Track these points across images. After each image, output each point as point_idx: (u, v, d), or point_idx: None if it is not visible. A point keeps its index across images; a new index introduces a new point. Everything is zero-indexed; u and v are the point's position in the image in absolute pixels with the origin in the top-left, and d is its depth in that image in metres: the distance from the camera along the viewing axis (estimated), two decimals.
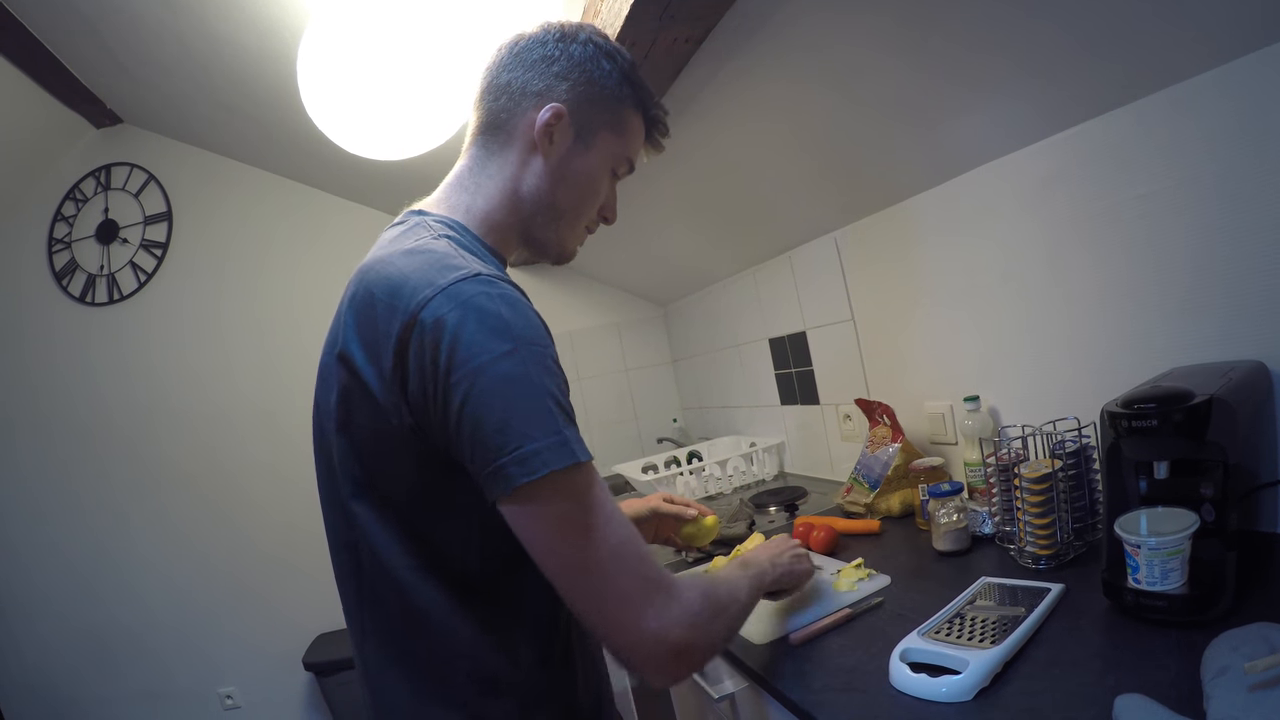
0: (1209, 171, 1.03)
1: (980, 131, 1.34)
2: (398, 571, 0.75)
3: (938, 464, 1.54)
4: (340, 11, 1.39)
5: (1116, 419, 0.92)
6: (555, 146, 0.86)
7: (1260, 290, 1.00)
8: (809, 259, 2.06)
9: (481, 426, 0.66)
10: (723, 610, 0.79)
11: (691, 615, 0.72)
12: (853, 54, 1.26)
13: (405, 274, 0.71)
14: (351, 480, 0.76)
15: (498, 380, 0.66)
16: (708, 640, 0.74)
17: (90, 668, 2.72)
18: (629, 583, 0.69)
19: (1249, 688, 0.63)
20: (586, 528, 0.68)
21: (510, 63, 0.87)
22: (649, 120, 0.93)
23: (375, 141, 1.57)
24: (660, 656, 0.69)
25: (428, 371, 0.67)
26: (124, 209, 2.79)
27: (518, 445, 0.65)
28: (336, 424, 0.76)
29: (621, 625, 0.69)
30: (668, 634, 0.69)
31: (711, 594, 0.77)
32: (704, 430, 3.12)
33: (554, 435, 0.67)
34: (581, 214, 0.92)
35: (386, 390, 0.70)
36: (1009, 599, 1.02)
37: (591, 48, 0.87)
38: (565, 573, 0.69)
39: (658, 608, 0.69)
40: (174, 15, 1.79)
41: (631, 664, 0.70)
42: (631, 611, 0.69)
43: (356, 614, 0.81)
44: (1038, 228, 1.33)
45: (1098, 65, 1.07)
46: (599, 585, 0.69)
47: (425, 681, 0.77)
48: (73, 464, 2.73)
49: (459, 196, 0.87)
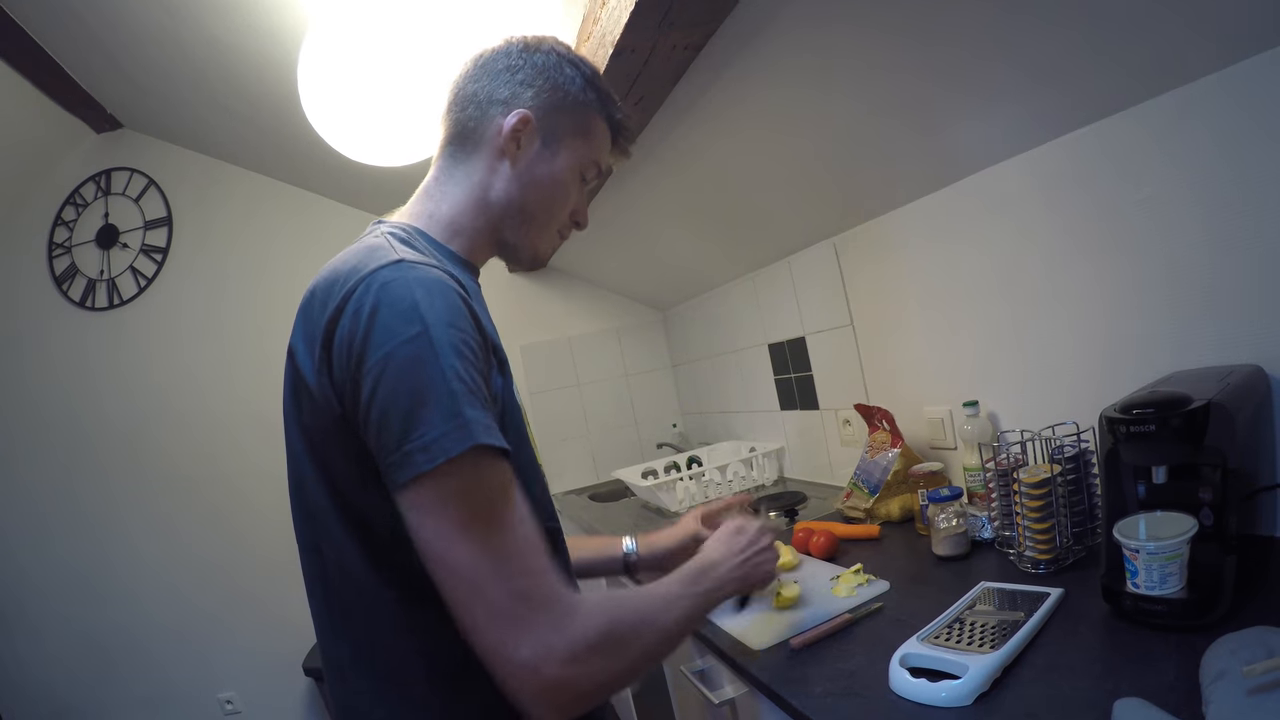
0: (1206, 177, 1.04)
1: (978, 137, 1.34)
2: (354, 571, 0.74)
3: (937, 469, 1.54)
4: (340, 17, 1.40)
5: (1115, 424, 0.92)
6: (523, 152, 0.88)
7: (1258, 295, 1.01)
8: (808, 264, 2.07)
9: (387, 414, 0.64)
10: (629, 642, 0.70)
11: (579, 647, 0.64)
12: (852, 60, 1.27)
13: (338, 269, 0.72)
14: (309, 478, 0.75)
15: (404, 365, 0.64)
16: (595, 679, 0.66)
17: (89, 673, 2.71)
18: (504, 599, 0.63)
19: (1247, 691, 0.63)
20: (467, 526, 0.63)
21: (476, 74, 0.90)
22: (613, 125, 0.95)
23: (375, 147, 1.57)
24: (530, 690, 0.63)
25: (344, 358, 0.67)
26: (124, 214, 2.80)
27: (421, 433, 0.63)
28: (289, 420, 0.77)
29: (489, 646, 0.63)
30: (540, 667, 0.62)
31: (618, 623, 0.69)
32: (703, 435, 3.12)
33: (453, 419, 0.63)
34: (552, 218, 0.93)
35: (320, 382, 0.70)
36: (1008, 604, 1.02)
37: (555, 56, 0.90)
38: (442, 577, 0.64)
39: (537, 633, 0.63)
40: (174, 20, 1.80)
41: (504, 692, 0.63)
42: (499, 632, 0.62)
43: (326, 618, 0.79)
44: (1036, 233, 1.33)
45: (1097, 70, 1.08)
46: (470, 596, 0.63)
47: (390, 684, 0.76)
48: (72, 468, 2.73)
49: (423, 205, 0.89)
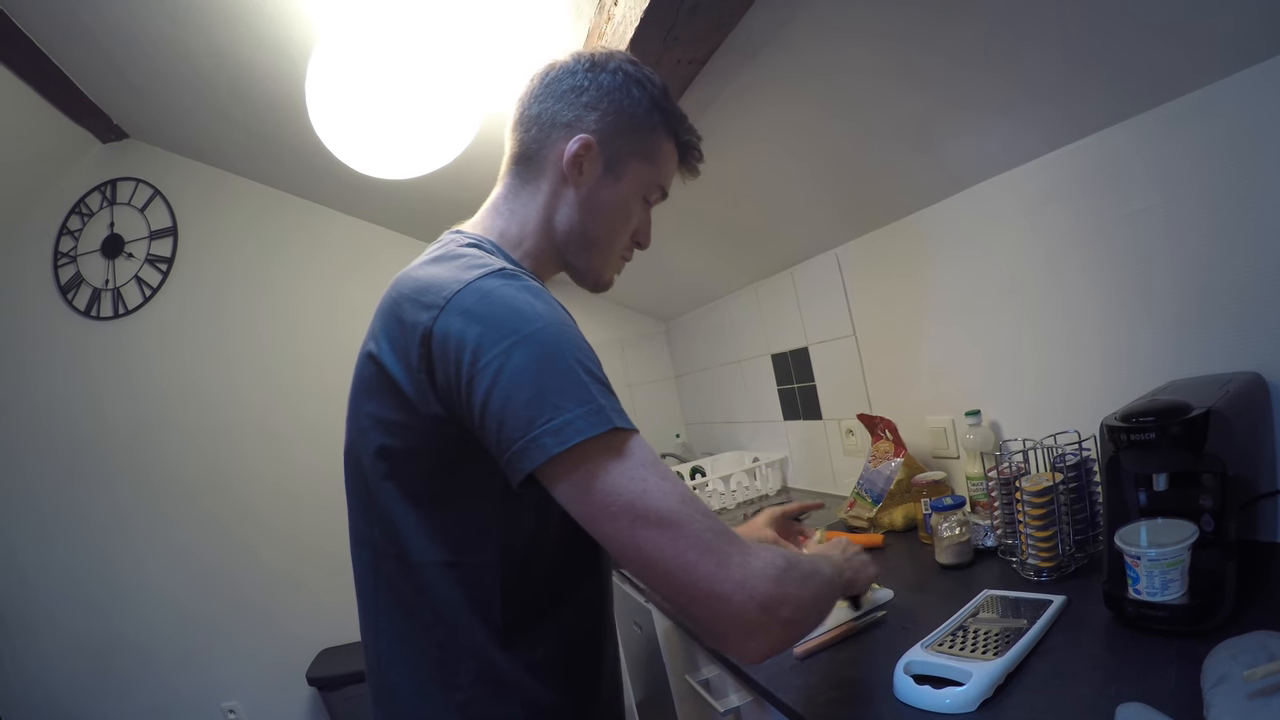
0: (1203, 186, 1.05)
1: (978, 150, 1.36)
2: (417, 567, 0.75)
3: (940, 478, 1.55)
4: (348, 30, 1.41)
5: (1116, 432, 0.93)
6: (585, 177, 0.87)
7: (1256, 303, 1.02)
8: (811, 275, 2.08)
9: (511, 403, 0.64)
10: (808, 577, 0.70)
11: (777, 569, 0.65)
12: (854, 75, 1.28)
13: (434, 275, 0.73)
14: (379, 475, 0.76)
15: (528, 357, 0.65)
16: (798, 600, 0.66)
17: (93, 683, 2.71)
18: (704, 534, 0.63)
19: (1248, 696, 0.64)
20: (643, 482, 0.64)
21: (541, 93, 0.88)
22: (681, 146, 0.94)
23: (383, 160, 1.58)
24: (750, 613, 0.63)
25: (453, 360, 0.68)
26: (129, 224, 2.81)
27: (550, 417, 0.63)
28: (364, 420, 0.77)
29: (699, 578, 0.62)
30: (755, 586, 0.63)
31: (792, 558, 0.69)
32: (707, 445, 3.12)
33: (588, 404, 0.65)
34: (615, 243, 0.92)
35: (414, 383, 0.71)
36: (1011, 611, 1.02)
37: (621, 76, 0.88)
38: (627, 536, 0.64)
39: (738, 561, 0.63)
40: (180, 31, 1.81)
41: (716, 628, 0.64)
42: (711, 560, 0.63)
43: (373, 613, 0.81)
44: (1037, 243, 1.34)
45: (1092, 84, 1.09)
46: (669, 537, 0.63)
47: (431, 680, 0.76)
48: (77, 478, 2.73)
49: (494, 220, 0.89)
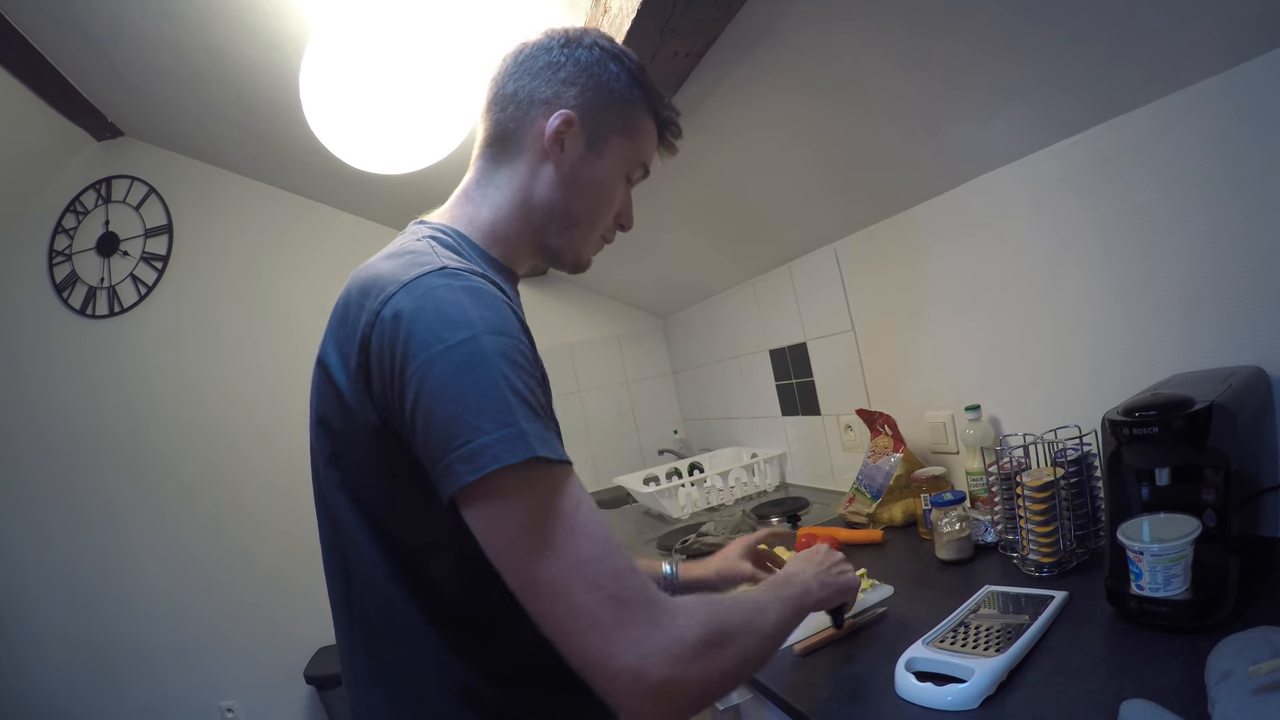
0: (1209, 178, 1.04)
1: (978, 142, 1.35)
2: (377, 580, 0.72)
3: (940, 473, 1.55)
4: (342, 26, 1.40)
5: (1118, 426, 0.92)
6: (566, 154, 0.84)
7: (1259, 296, 1.01)
8: (809, 270, 2.07)
9: (433, 419, 0.61)
10: (729, 640, 0.66)
11: (680, 647, 0.61)
12: (853, 64, 1.27)
13: (378, 274, 0.70)
14: (332, 484, 0.74)
15: (451, 369, 0.62)
16: (702, 678, 0.62)
17: (90, 682, 2.70)
18: (595, 604, 0.59)
19: (1252, 691, 0.63)
20: (542, 536, 0.60)
21: (516, 71, 0.85)
22: (660, 122, 0.91)
23: (378, 156, 1.58)
24: (636, 696, 0.59)
25: (386, 366, 0.65)
26: (124, 222, 2.80)
27: (466, 440, 0.60)
28: (316, 427, 0.75)
29: (588, 655, 0.60)
30: (645, 669, 0.59)
31: (716, 622, 0.65)
32: (705, 442, 3.12)
33: (507, 428, 0.60)
34: (597, 222, 0.89)
35: (354, 390, 0.68)
36: (1013, 607, 1.02)
37: (598, 51, 0.85)
38: (522, 589, 0.61)
39: (635, 636, 0.59)
40: (175, 28, 1.80)
41: (608, 702, 0.61)
42: (598, 639, 0.59)
43: (346, 626, 0.78)
44: (1038, 236, 1.34)
45: (1103, 70, 1.08)
46: (558, 607, 0.60)
47: (406, 697, 0.74)
48: (72, 476, 2.72)
49: (463, 208, 0.86)
